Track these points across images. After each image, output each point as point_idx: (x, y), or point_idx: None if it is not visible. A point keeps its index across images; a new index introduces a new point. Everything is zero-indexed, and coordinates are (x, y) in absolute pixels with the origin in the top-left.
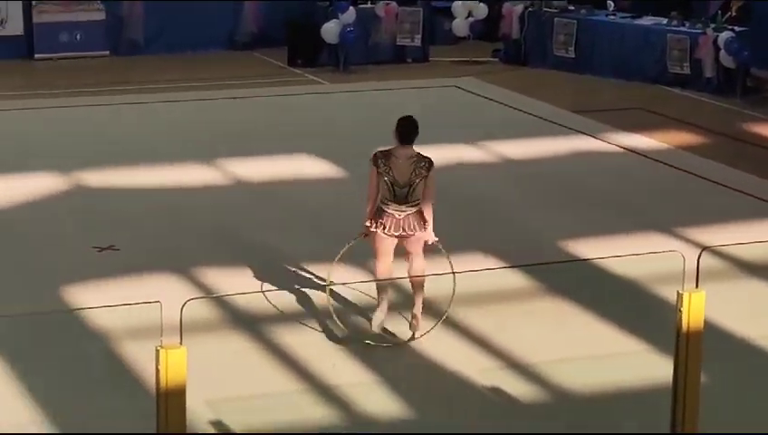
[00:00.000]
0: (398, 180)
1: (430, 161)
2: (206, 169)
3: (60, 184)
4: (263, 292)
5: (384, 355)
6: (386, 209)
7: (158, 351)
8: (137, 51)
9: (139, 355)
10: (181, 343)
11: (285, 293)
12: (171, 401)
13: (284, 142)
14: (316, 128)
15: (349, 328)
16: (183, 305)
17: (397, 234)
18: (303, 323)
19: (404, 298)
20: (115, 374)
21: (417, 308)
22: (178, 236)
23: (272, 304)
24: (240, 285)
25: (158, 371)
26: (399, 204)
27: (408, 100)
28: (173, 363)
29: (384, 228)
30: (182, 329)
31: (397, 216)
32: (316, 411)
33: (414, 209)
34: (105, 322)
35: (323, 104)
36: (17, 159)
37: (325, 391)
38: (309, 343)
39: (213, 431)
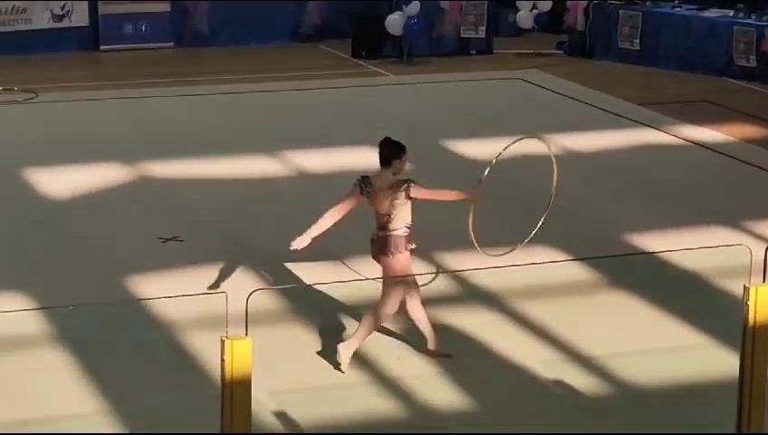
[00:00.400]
0: (378, 210)
1: (408, 187)
2: (270, 160)
3: (125, 175)
4: (327, 283)
5: (448, 348)
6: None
7: (223, 341)
8: (201, 42)
9: (203, 346)
10: (246, 334)
11: (350, 285)
12: (236, 391)
13: (347, 134)
14: (379, 120)
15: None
16: (249, 296)
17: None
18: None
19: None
20: (180, 365)
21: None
22: (242, 228)
23: (335, 295)
24: (304, 276)
25: (223, 361)
26: (379, 230)
27: (472, 92)
28: (238, 354)
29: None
30: (248, 320)
31: (373, 237)
32: (378, 403)
33: (394, 234)
34: (170, 312)
35: (386, 96)
36: (82, 151)
37: (388, 383)
38: (372, 335)
39: (275, 422)
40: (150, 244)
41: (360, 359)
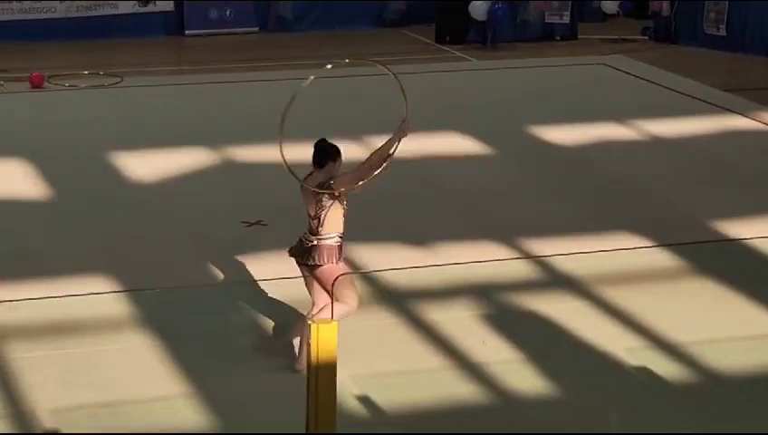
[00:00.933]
0: (309, 211)
1: (329, 188)
2: (355, 145)
3: (209, 159)
4: (412, 268)
5: (533, 334)
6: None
7: (309, 325)
8: (285, 27)
9: (286, 328)
10: (332, 318)
11: (433, 269)
12: (322, 374)
13: (431, 119)
14: (463, 105)
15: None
16: (334, 281)
17: (302, 263)
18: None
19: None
20: (264, 347)
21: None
22: None
23: (419, 280)
24: (388, 261)
25: (309, 345)
26: (310, 234)
27: (556, 78)
28: (324, 338)
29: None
30: (333, 304)
31: (304, 244)
32: (461, 389)
33: (323, 242)
34: (253, 296)
35: (470, 81)
36: (168, 135)
37: (472, 369)
38: (456, 320)
39: (358, 406)
40: (234, 228)
41: (444, 344)
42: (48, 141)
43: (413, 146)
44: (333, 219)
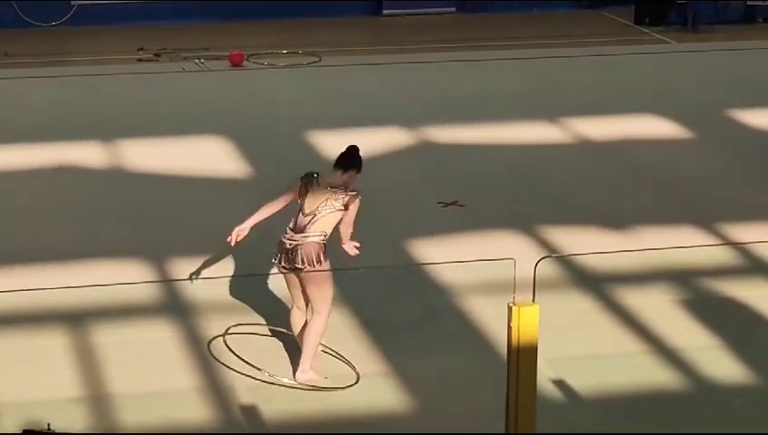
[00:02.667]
0: (305, 208)
1: (351, 198)
2: (549, 127)
3: (406, 139)
4: (608, 252)
5: (730, 320)
6: (281, 237)
7: (510, 308)
8: (482, 8)
9: (483, 311)
10: (534, 301)
11: (632, 254)
12: (522, 358)
13: (627, 101)
14: (660, 87)
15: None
16: (536, 263)
17: (288, 266)
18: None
19: None
20: (462, 329)
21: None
22: (521, 194)
23: (618, 264)
24: (587, 244)
25: (510, 328)
26: (295, 232)
27: (759, 62)
28: (525, 321)
29: (276, 259)
30: (535, 287)
31: (287, 245)
32: (658, 374)
33: (309, 240)
34: (451, 277)
35: (670, 65)
36: (362, 114)
37: (669, 354)
38: (654, 305)
39: (554, 390)
40: (431, 208)
41: (642, 329)
42: (246, 120)
43: (612, 130)
44: (327, 222)
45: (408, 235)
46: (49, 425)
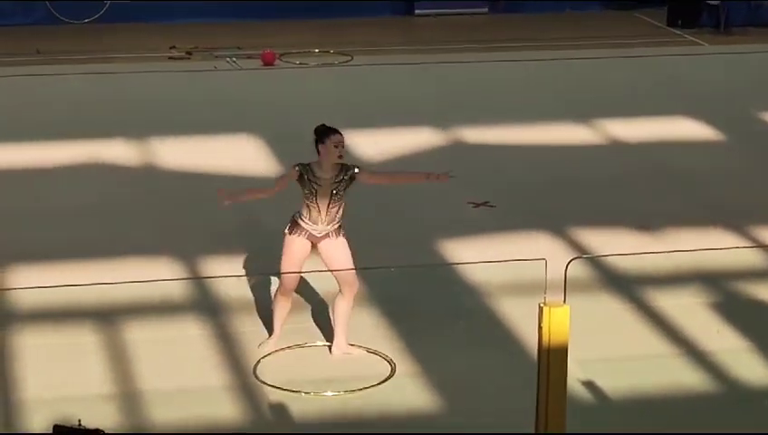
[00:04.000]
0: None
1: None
2: (581, 128)
3: (436, 139)
4: (639, 253)
5: (761, 323)
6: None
7: (541, 308)
8: (515, 8)
9: (513, 312)
10: (564, 302)
11: (662, 255)
12: (553, 359)
13: (659, 103)
14: (692, 90)
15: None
16: (567, 264)
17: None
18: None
19: None
20: (492, 330)
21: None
22: (553, 195)
23: (647, 265)
24: (617, 245)
25: (540, 328)
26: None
27: None
28: (556, 322)
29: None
30: (566, 287)
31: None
32: (688, 376)
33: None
34: (481, 277)
35: (702, 67)
36: (393, 114)
37: (699, 357)
38: (684, 307)
39: (583, 391)
40: (462, 208)
41: (672, 330)
42: (278, 119)
43: (644, 131)
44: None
45: (438, 235)
46: (80, 421)
